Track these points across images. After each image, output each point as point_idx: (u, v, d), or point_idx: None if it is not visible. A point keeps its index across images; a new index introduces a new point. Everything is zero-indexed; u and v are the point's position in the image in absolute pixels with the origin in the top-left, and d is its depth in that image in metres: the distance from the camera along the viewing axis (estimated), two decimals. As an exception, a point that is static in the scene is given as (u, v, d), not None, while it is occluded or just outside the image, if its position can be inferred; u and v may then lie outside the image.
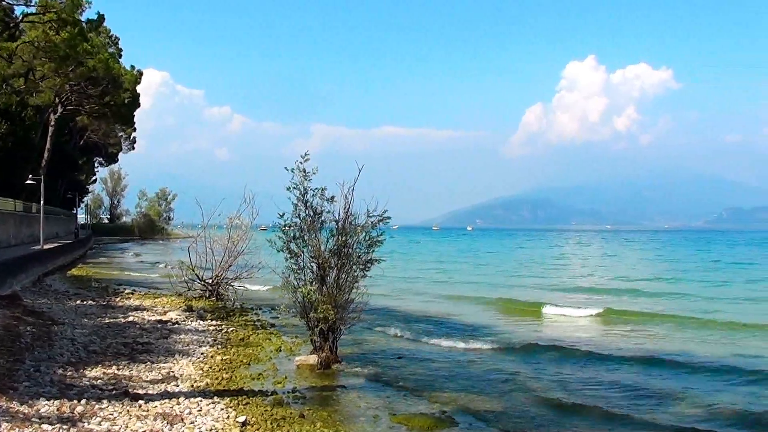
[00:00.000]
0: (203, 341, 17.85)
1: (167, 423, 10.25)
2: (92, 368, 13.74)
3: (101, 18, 48.18)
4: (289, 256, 15.95)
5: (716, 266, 58.56)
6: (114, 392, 11.81)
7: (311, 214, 15.98)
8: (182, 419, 10.49)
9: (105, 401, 11.12)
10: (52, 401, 10.68)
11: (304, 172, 15.76)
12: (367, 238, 16.03)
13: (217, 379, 13.55)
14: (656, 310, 26.60)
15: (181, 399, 11.58)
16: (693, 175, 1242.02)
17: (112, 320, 20.80)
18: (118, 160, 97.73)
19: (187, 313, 23.20)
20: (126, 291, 30.05)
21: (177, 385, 12.79)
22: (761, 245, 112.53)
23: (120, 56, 59.21)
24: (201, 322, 21.31)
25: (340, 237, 15.84)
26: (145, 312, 23.00)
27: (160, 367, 14.31)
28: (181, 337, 18.34)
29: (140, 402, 11.24)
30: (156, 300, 26.72)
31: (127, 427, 9.93)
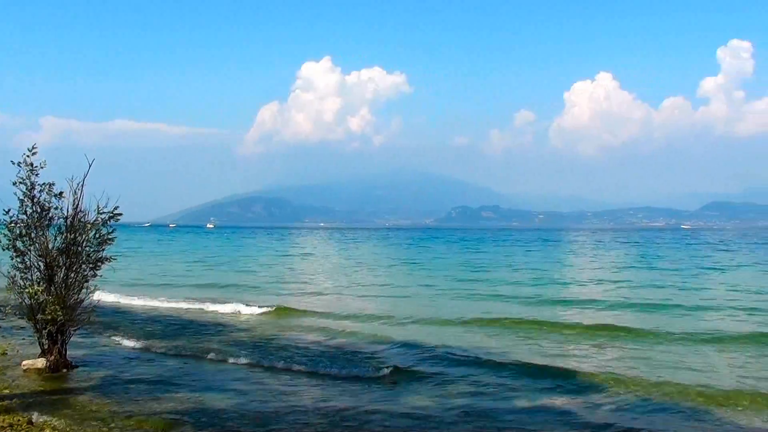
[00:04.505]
0: None
1: None
2: None
3: None
4: (14, 254, 15.14)
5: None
6: None
7: (38, 210, 15.27)
8: None
9: None
10: None
11: (32, 166, 15.05)
12: (97, 235, 15.60)
13: (-66, 388, 12.71)
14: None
15: None
16: (424, 175, 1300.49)
17: None
18: None
19: None
20: None
21: None
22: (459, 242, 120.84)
23: None
24: None
25: (68, 234, 15.29)
26: None
27: None
28: None
29: None
30: None
31: None
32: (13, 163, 15.07)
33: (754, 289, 34.94)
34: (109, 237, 15.82)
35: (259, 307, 26.71)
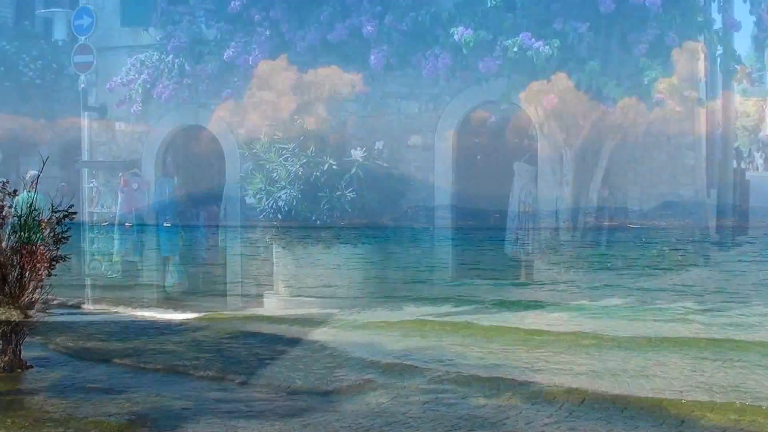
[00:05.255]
0: None
1: None
2: None
3: None
4: (-34, 254, 14.96)
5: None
6: None
7: (-10, 209, 15.11)
8: None
9: None
10: None
11: (-17, 164, 14.90)
12: (52, 234, 15.45)
13: None
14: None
15: None
16: (379, 173, 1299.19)
17: None
18: None
19: None
20: None
21: None
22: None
23: None
24: None
25: (22, 233, 15.13)
26: None
27: None
28: None
29: None
30: None
31: None
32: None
33: (699, 290, 35.18)
34: (64, 236, 15.67)
35: (212, 311, 26.40)
